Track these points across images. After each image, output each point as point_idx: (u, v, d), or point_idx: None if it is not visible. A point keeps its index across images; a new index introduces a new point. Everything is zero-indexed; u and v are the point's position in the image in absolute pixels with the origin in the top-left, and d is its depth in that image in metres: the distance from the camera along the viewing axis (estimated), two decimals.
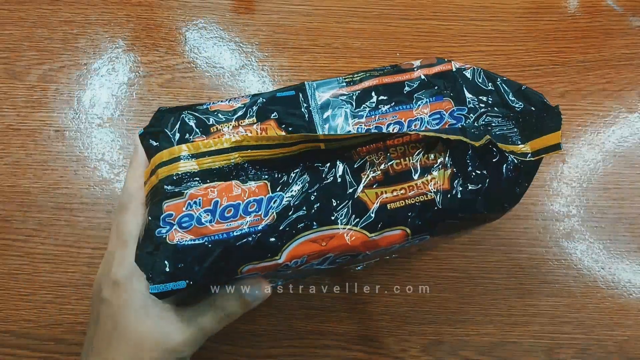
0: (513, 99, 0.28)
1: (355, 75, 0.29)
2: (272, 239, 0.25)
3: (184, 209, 0.25)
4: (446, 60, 0.29)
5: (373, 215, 0.25)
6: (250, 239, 0.25)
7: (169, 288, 0.24)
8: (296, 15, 0.49)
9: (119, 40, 0.47)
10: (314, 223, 0.25)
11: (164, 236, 0.25)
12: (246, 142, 0.25)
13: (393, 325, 0.40)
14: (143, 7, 0.48)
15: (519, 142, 0.27)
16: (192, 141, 0.26)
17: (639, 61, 0.48)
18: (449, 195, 0.26)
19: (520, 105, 0.28)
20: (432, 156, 0.26)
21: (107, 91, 0.45)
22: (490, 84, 0.28)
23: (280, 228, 0.25)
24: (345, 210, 0.25)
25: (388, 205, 0.26)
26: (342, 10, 0.49)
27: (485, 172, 0.26)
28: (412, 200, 0.26)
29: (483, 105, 0.28)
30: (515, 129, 0.28)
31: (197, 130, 0.27)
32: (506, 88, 0.28)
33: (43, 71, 0.46)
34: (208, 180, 0.25)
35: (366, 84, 0.29)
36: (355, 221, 0.25)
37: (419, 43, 0.48)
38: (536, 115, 0.27)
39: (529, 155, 0.27)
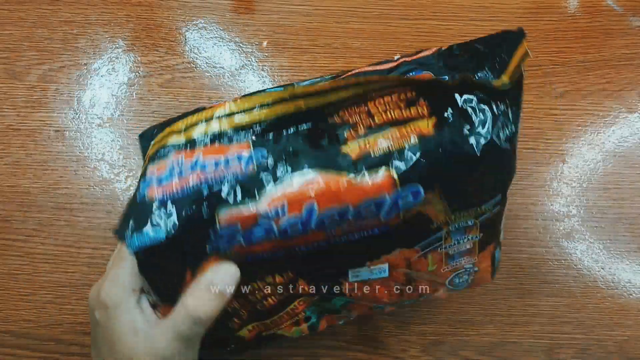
0: (479, 46, 0.29)
1: (340, 74, 0.30)
2: (251, 182, 0.25)
3: (166, 167, 0.26)
4: (425, 49, 0.30)
5: (358, 162, 0.25)
6: (228, 183, 0.25)
7: (147, 240, 0.24)
8: (296, 15, 0.49)
9: (119, 40, 0.47)
10: (296, 172, 0.25)
11: (144, 196, 0.25)
12: (230, 109, 0.26)
13: (393, 325, 0.40)
14: (143, 7, 0.48)
15: (497, 79, 0.27)
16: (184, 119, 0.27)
17: (639, 61, 0.48)
18: (434, 140, 0.26)
19: (487, 48, 0.28)
20: (415, 110, 0.26)
21: (107, 91, 0.45)
22: (464, 50, 0.29)
23: (260, 175, 0.25)
24: (329, 160, 0.26)
25: (371, 153, 0.25)
26: (342, 11, 0.49)
27: (471, 114, 0.26)
28: (396, 145, 0.26)
29: (459, 68, 0.29)
30: (490, 73, 0.28)
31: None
32: (478, 45, 0.29)
33: (43, 71, 0.45)
34: (195, 147, 0.26)
35: (349, 74, 0.30)
36: (338, 168, 0.26)
37: (419, 43, 0.48)
38: (503, 48, 0.28)
39: (509, 83, 0.27)
